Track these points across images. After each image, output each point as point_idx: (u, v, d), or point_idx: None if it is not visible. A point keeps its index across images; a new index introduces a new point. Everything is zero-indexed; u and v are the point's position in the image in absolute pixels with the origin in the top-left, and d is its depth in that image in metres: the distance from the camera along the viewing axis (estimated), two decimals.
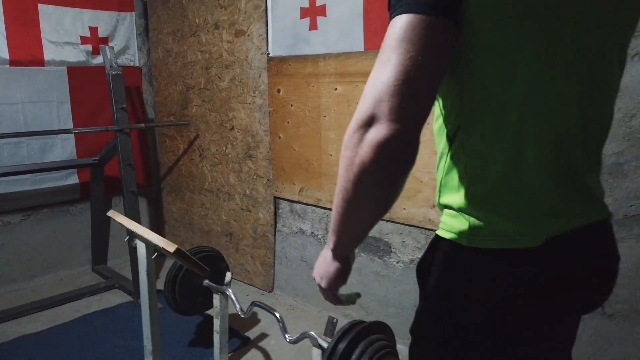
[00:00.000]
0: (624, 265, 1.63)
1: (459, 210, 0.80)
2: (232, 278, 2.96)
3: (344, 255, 0.90)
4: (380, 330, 1.60)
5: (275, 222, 2.92)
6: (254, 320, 2.65)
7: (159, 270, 3.23)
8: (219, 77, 3.03)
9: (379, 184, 0.71)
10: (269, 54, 2.71)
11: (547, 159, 0.76)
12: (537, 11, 0.70)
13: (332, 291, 0.95)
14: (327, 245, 0.90)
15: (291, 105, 2.65)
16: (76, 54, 3.17)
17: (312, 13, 2.44)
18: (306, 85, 2.55)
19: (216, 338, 2.16)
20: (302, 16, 2.49)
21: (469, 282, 0.80)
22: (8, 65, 2.90)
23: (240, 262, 3.15)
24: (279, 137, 2.75)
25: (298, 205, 2.77)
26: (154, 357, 1.56)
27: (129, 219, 1.57)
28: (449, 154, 0.82)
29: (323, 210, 2.64)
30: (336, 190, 0.78)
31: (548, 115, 0.75)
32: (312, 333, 1.71)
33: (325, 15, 2.39)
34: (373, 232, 2.42)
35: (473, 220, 0.78)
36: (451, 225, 0.82)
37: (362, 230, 0.82)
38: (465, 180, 0.79)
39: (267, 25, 2.68)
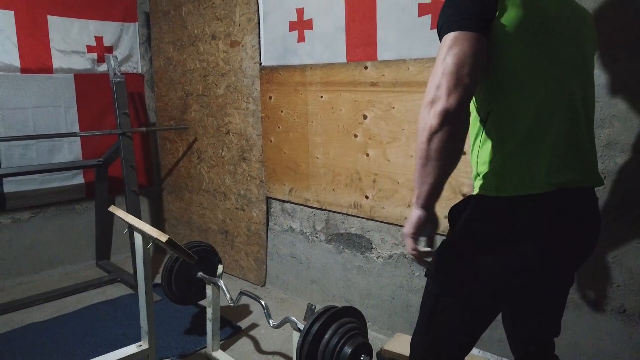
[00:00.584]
0: None
1: (491, 172, 1.15)
2: (226, 273, 3.15)
3: (425, 206, 1.12)
4: (351, 314, 1.79)
5: (268, 221, 3.11)
6: (245, 311, 2.84)
7: (158, 267, 3.43)
8: (215, 85, 3.23)
9: (443, 141, 1.04)
10: (261, 63, 2.91)
11: (548, 140, 1.12)
12: (536, 38, 1.10)
13: (410, 236, 1.13)
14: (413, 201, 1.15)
15: (281, 111, 2.84)
16: (83, 62, 3.39)
17: (300, 26, 2.64)
18: (295, 93, 2.75)
19: (209, 325, 2.35)
20: (291, 29, 2.69)
21: (493, 222, 1.15)
22: (19, 73, 3.11)
23: (235, 259, 3.34)
24: (271, 141, 2.95)
25: (288, 205, 2.96)
26: (149, 336, 1.75)
27: (127, 213, 1.76)
28: (483, 133, 1.17)
29: (310, 210, 2.83)
30: (418, 158, 1.09)
31: (551, 111, 1.12)
32: (293, 318, 1.90)
33: (311, 28, 2.59)
34: (355, 230, 2.60)
35: (500, 178, 1.13)
36: (483, 185, 1.17)
37: (435, 181, 1.09)
38: (495, 149, 1.14)
39: (259, 37, 2.88)
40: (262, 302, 2.09)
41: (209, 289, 2.34)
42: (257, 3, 2.85)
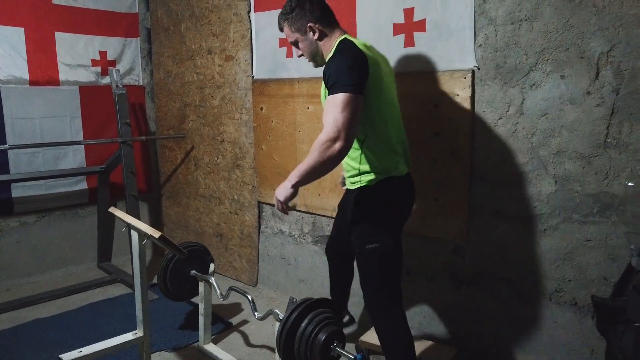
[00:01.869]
0: (531, 256, 1.99)
1: (373, 169, 1.84)
2: (220, 274, 3.33)
3: (297, 188, 1.78)
4: (327, 305, 1.96)
5: (259, 224, 3.30)
6: (237, 309, 3.02)
7: (156, 267, 3.61)
8: (211, 96, 3.44)
9: (334, 163, 1.68)
10: (253, 76, 3.12)
11: (397, 146, 1.89)
12: (382, 85, 1.81)
13: (284, 204, 1.83)
14: (289, 181, 1.76)
15: (272, 121, 3.04)
16: (87, 75, 3.61)
17: (288, 43, 2.84)
18: (284, 105, 2.95)
19: (201, 320, 2.53)
20: (280, 45, 2.90)
21: (373, 197, 1.87)
22: (28, 85, 3.33)
23: (229, 260, 3.53)
24: (262, 149, 3.15)
25: None
26: (144, 325, 1.93)
27: (125, 213, 1.96)
28: (363, 149, 1.85)
29: (298, 213, 3.01)
30: (307, 162, 1.68)
31: (395, 128, 1.90)
32: (276, 310, 2.09)
33: None
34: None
35: (379, 171, 1.84)
36: (365, 179, 1.86)
37: (315, 178, 1.76)
38: (373, 156, 1.84)
39: (251, 52, 3.09)
40: (249, 297, 2.28)
41: (201, 286, 2.52)
42: (250, 21, 3.06)
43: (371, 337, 2.38)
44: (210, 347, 2.52)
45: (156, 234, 1.72)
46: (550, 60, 1.89)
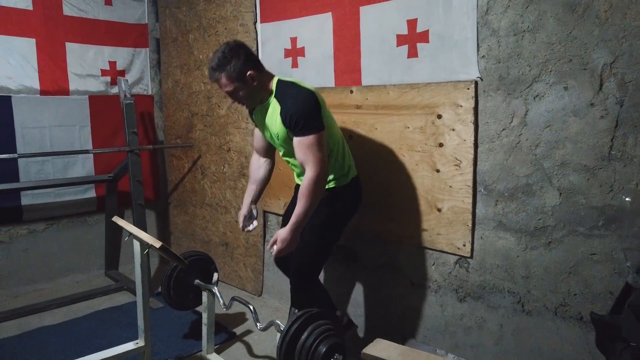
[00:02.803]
0: (535, 269, 1.97)
1: (341, 175, 2.25)
2: (225, 282, 3.32)
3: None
4: (327, 317, 1.95)
5: (265, 233, 3.30)
6: (241, 318, 3.02)
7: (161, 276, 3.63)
8: (218, 106, 3.47)
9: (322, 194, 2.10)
10: None
11: (349, 156, 2.32)
12: (328, 111, 2.21)
13: (289, 249, 2.07)
14: (294, 230, 2.03)
15: None
16: (97, 85, 3.66)
17: (294, 54, 2.86)
18: None
19: (204, 330, 2.53)
20: (286, 56, 2.91)
21: (341, 197, 2.28)
22: (39, 95, 3.39)
23: (235, 269, 3.53)
24: None
25: None
26: (145, 335, 1.94)
27: (127, 223, 1.97)
28: (330, 161, 2.18)
29: None
30: (306, 205, 2.00)
31: (343, 143, 2.31)
32: (277, 321, 2.08)
33: (304, 56, 2.81)
34: (342, 241, 2.77)
35: (346, 175, 2.26)
36: (340, 180, 2.25)
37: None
38: (335, 167, 2.21)
39: None
40: (251, 307, 2.27)
41: (204, 296, 2.53)
42: (256, 32, 3.09)
43: (373, 349, 2.35)
44: (213, 357, 2.51)
45: (157, 243, 1.73)
46: (554, 71, 1.87)
